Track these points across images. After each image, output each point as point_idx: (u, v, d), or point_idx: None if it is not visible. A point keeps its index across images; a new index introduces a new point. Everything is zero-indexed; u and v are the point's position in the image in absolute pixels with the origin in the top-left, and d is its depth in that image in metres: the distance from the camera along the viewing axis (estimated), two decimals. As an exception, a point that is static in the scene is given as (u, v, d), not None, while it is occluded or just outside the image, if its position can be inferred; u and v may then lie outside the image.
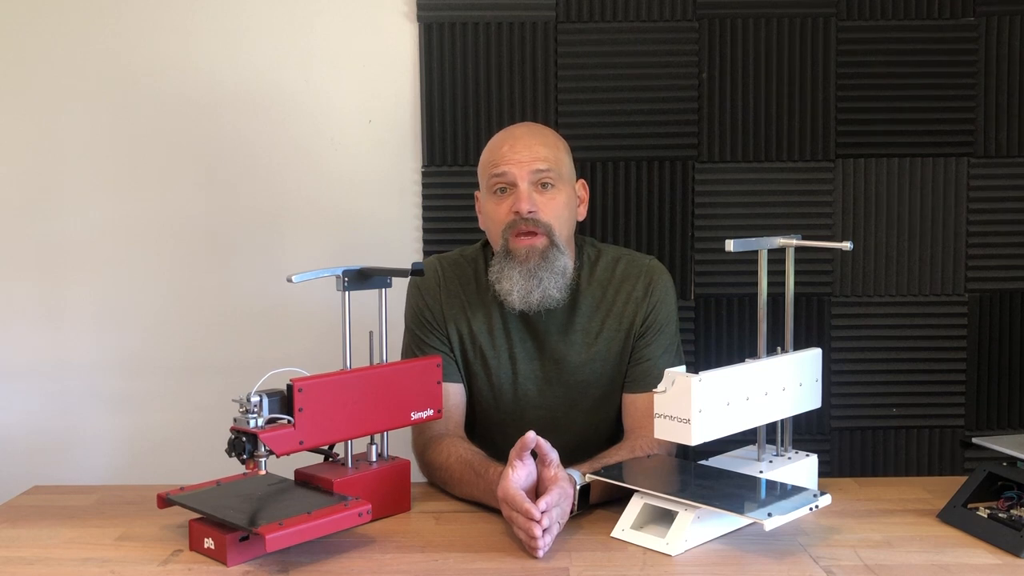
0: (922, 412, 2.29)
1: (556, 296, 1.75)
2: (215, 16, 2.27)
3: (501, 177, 1.75)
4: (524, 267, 1.72)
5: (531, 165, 1.74)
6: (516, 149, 1.76)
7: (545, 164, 1.75)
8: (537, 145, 1.77)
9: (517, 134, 1.80)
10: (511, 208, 1.74)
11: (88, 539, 1.50)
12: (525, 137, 1.79)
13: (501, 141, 1.80)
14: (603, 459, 1.66)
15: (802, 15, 2.23)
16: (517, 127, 1.85)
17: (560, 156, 1.80)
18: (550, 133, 1.85)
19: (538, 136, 1.80)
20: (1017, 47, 2.23)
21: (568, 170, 1.81)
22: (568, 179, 1.81)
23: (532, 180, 1.74)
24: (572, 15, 2.23)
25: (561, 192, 1.77)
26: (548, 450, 1.47)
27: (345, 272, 1.57)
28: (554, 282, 1.73)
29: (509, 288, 1.74)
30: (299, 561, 1.38)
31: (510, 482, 1.43)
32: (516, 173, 1.74)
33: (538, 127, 1.87)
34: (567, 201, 1.79)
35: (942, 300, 2.28)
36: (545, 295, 1.73)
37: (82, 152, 2.30)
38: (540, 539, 1.38)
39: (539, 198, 1.74)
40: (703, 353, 2.27)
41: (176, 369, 2.33)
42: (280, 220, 2.31)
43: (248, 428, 1.41)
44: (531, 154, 1.75)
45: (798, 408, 1.66)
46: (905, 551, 1.42)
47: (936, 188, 2.26)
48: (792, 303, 1.69)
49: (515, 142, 1.77)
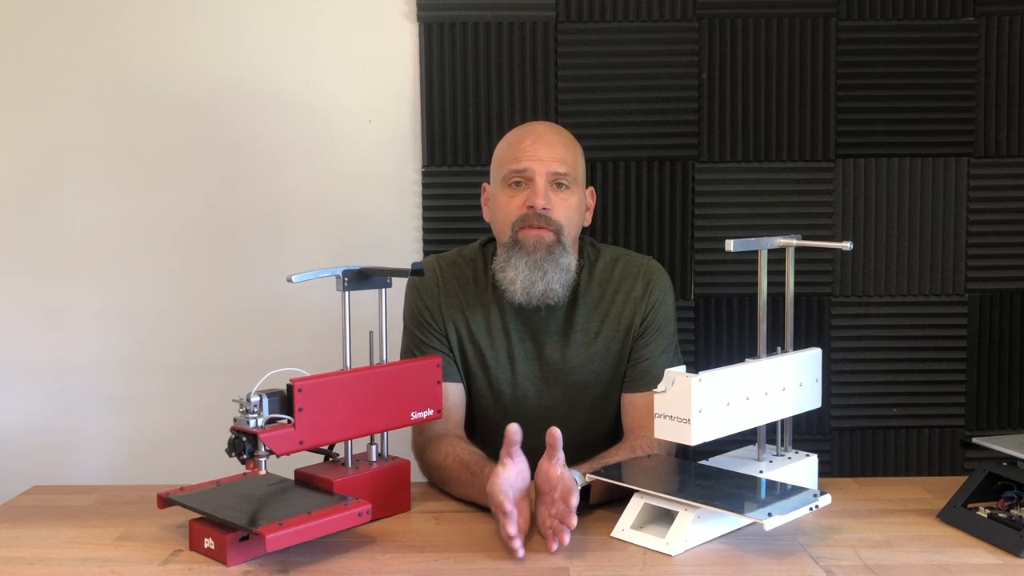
0: (922, 412, 2.29)
1: (559, 291, 1.75)
2: (215, 16, 2.27)
3: (520, 172, 1.76)
4: (531, 258, 1.73)
5: (551, 165, 1.76)
6: (538, 146, 1.77)
7: (564, 166, 1.76)
8: (558, 145, 1.78)
9: (539, 131, 1.81)
10: (525, 202, 1.75)
11: (88, 539, 1.50)
12: (547, 135, 1.80)
13: (523, 135, 1.81)
14: (603, 459, 1.66)
15: (802, 15, 2.23)
16: (539, 124, 1.87)
17: (577, 160, 1.82)
18: (569, 136, 1.85)
19: (559, 136, 1.82)
20: (1017, 47, 2.23)
21: (582, 174, 1.83)
22: (581, 183, 1.83)
23: (550, 179, 1.76)
24: (572, 15, 2.23)
25: (574, 195, 1.79)
26: (557, 448, 1.44)
27: (345, 272, 1.57)
28: (558, 277, 1.74)
29: (513, 277, 1.74)
30: (299, 561, 1.38)
31: (496, 479, 1.42)
32: (536, 169, 1.75)
33: (559, 128, 1.87)
34: (578, 204, 1.80)
35: (942, 300, 2.28)
36: (548, 288, 1.74)
37: (82, 152, 2.30)
38: (515, 538, 1.36)
39: (553, 197, 1.76)
40: (703, 353, 2.27)
41: (176, 369, 2.33)
42: (280, 220, 2.31)
43: (248, 428, 1.41)
44: (552, 153, 1.76)
45: (798, 408, 1.66)
46: (905, 551, 1.42)
47: (936, 188, 2.26)
48: (792, 303, 1.69)
49: (537, 139, 1.78)
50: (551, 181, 1.76)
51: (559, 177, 1.76)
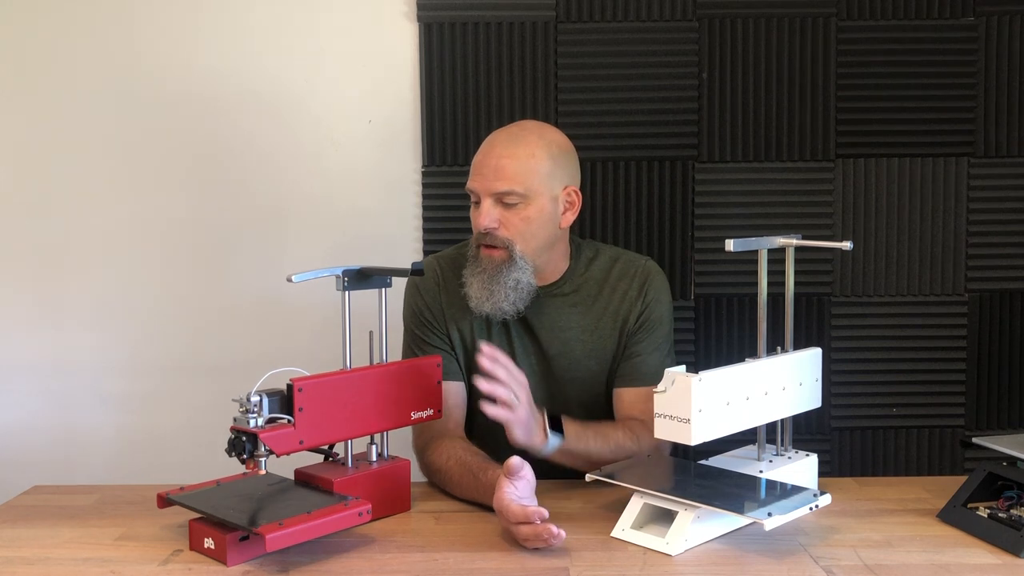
0: (922, 412, 2.29)
1: (506, 308, 1.75)
2: (216, 16, 2.27)
3: (471, 191, 1.78)
4: (481, 277, 1.75)
5: (494, 185, 1.72)
6: (485, 163, 1.75)
7: (506, 185, 1.71)
8: (506, 159, 1.72)
9: (494, 143, 1.77)
10: (477, 221, 1.77)
11: (88, 539, 1.50)
12: (498, 148, 1.75)
13: (482, 147, 1.79)
14: (593, 426, 1.70)
15: (802, 15, 2.23)
16: (499, 133, 1.80)
17: (533, 167, 1.72)
18: (531, 142, 1.75)
19: (512, 147, 1.74)
20: (1017, 47, 2.23)
21: (544, 180, 1.74)
22: (543, 190, 1.74)
23: (496, 198, 1.74)
24: (572, 15, 2.23)
25: (529, 206, 1.73)
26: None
27: (345, 272, 1.57)
28: (505, 295, 1.74)
29: (469, 294, 1.77)
30: (299, 561, 1.38)
31: (503, 494, 1.43)
32: (480, 189, 1.75)
33: (520, 134, 1.77)
34: (537, 214, 1.74)
35: (942, 300, 2.28)
36: (495, 307, 1.75)
37: (82, 152, 2.30)
38: (553, 530, 1.37)
39: (503, 213, 1.74)
40: (703, 353, 2.27)
41: (176, 369, 2.33)
42: (280, 220, 2.31)
43: (248, 428, 1.41)
44: (496, 172, 1.72)
45: (798, 408, 1.66)
46: (905, 551, 1.42)
47: (936, 188, 2.26)
48: (792, 303, 1.69)
49: (487, 154, 1.75)
50: (497, 200, 1.74)
51: (504, 196, 1.72)
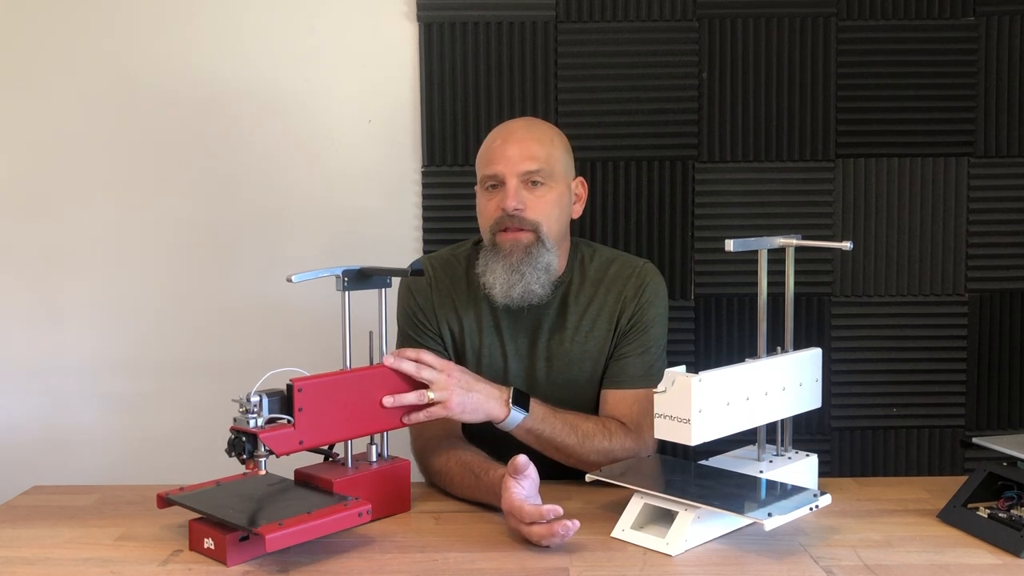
0: (922, 412, 2.29)
1: (538, 292, 1.74)
2: (215, 16, 2.27)
3: (492, 175, 1.76)
4: (507, 261, 1.73)
5: (521, 165, 1.73)
6: (508, 147, 1.75)
7: (535, 164, 1.74)
8: (530, 141, 1.76)
9: (512, 129, 1.80)
10: (499, 204, 1.75)
11: (88, 539, 1.50)
12: (519, 132, 1.78)
13: (495, 136, 1.80)
14: (564, 414, 1.69)
15: (802, 15, 2.23)
16: (514, 122, 1.85)
17: (554, 153, 1.78)
18: (547, 129, 1.83)
19: (533, 131, 1.79)
20: (1017, 47, 2.23)
21: (563, 167, 1.80)
22: (562, 176, 1.79)
23: (522, 179, 1.74)
24: (572, 15, 2.23)
25: (552, 190, 1.76)
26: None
27: (345, 272, 1.57)
28: (536, 278, 1.73)
29: (492, 282, 1.74)
30: (299, 561, 1.38)
31: (512, 494, 1.44)
32: (505, 171, 1.74)
33: (536, 122, 1.85)
34: (558, 199, 1.77)
35: (942, 300, 2.28)
36: (527, 290, 1.73)
37: (81, 151, 2.30)
38: (568, 524, 1.38)
39: (528, 195, 1.74)
40: (703, 353, 2.27)
41: (176, 369, 2.33)
42: (280, 220, 2.31)
43: (248, 428, 1.41)
44: (522, 152, 1.74)
45: (798, 408, 1.66)
46: (905, 551, 1.42)
47: (936, 188, 2.26)
48: (792, 303, 1.69)
49: (508, 139, 1.77)
50: (524, 180, 1.74)
51: (531, 175, 1.74)
